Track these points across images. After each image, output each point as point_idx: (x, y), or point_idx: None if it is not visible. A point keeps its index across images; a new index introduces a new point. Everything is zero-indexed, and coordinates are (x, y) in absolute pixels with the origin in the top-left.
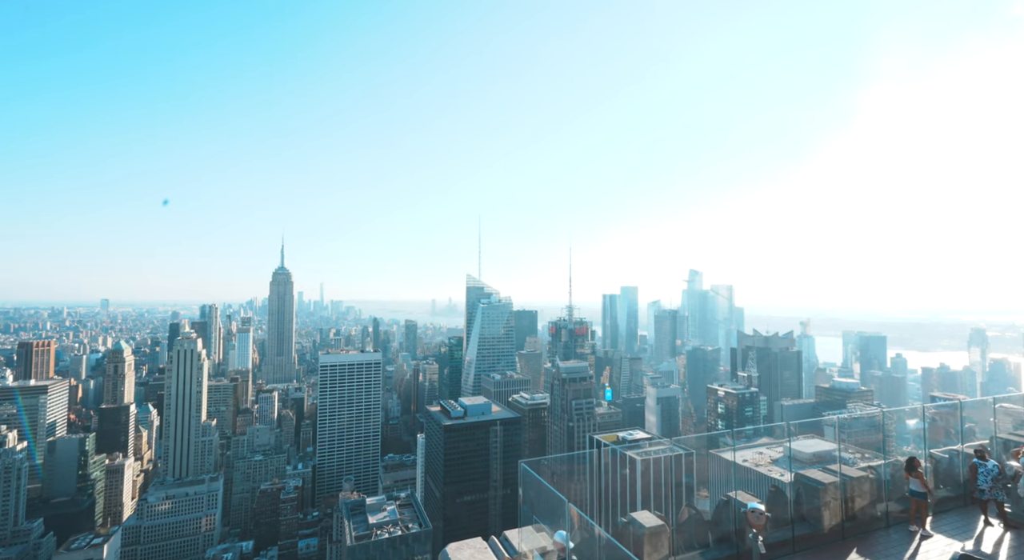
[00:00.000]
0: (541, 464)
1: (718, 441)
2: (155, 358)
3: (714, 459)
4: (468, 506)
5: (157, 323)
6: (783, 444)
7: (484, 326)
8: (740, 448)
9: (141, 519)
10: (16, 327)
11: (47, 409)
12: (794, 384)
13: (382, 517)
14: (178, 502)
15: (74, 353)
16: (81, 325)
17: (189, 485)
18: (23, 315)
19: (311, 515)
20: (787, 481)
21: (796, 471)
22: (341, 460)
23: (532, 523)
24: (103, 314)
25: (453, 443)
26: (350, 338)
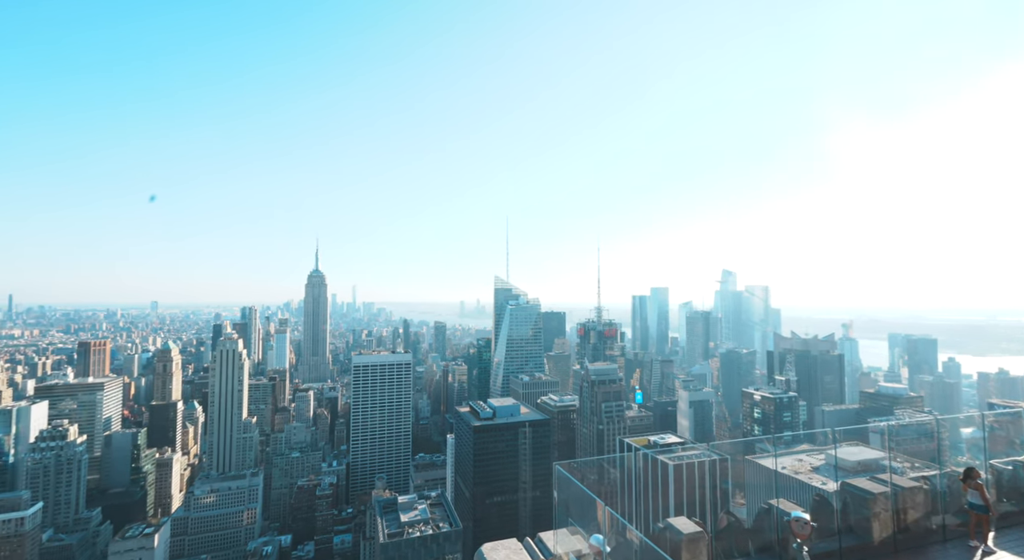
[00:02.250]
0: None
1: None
2: (200, 357)
3: (751, 465)
4: (498, 507)
5: (202, 324)
6: (826, 451)
7: (512, 327)
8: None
9: (188, 511)
10: (76, 328)
11: (103, 405)
12: (836, 389)
13: (413, 516)
14: (222, 495)
15: (127, 352)
16: (133, 326)
17: (232, 479)
18: (82, 317)
19: (345, 512)
20: (831, 490)
21: (841, 479)
22: (373, 458)
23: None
24: (153, 315)
25: (482, 444)
26: (381, 339)
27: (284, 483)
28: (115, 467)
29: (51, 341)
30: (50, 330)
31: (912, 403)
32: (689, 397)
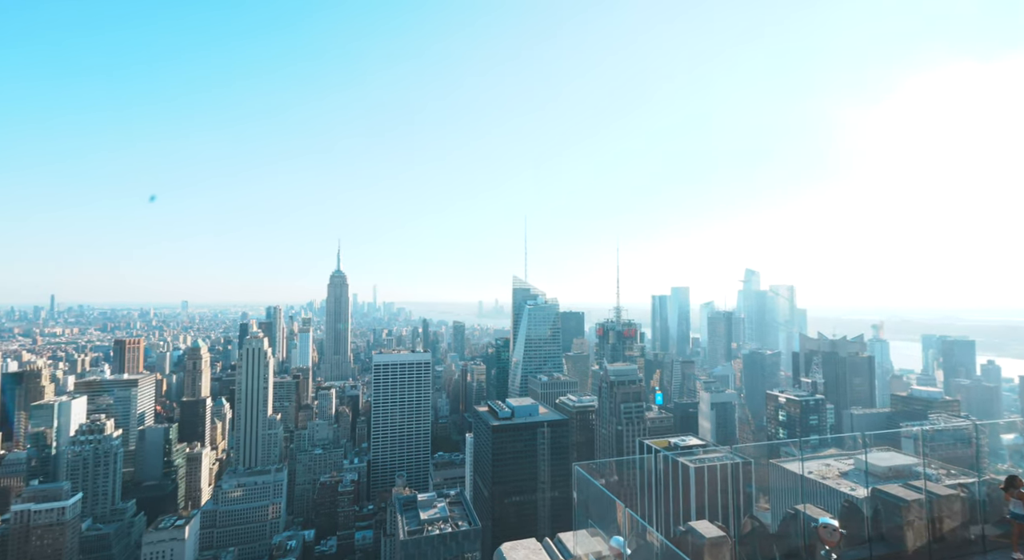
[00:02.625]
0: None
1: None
2: (227, 355)
3: (775, 469)
4: (516, 506)
5: (229, 323)
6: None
7: (530, 327)
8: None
9: (217, 504)
10: (112, 326)
11: (138, 401)
12: (865, 392)
13: (433, 513)
14: (248, 490)
15: (159, 350)
16: (165, 325)
17: (258, 474)
18: (118, 316)
19: (366, 508)
20: (861, 496)
21: (872, 486)
22: (394, 456)
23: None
24: (183, 315)
25: (501, 443)
26: (401, 338)
27: (307, 479)
28: (148, 461)
29: (89, 339)
30: (88, 328)
31: (948, 407)
32: (711, 399)
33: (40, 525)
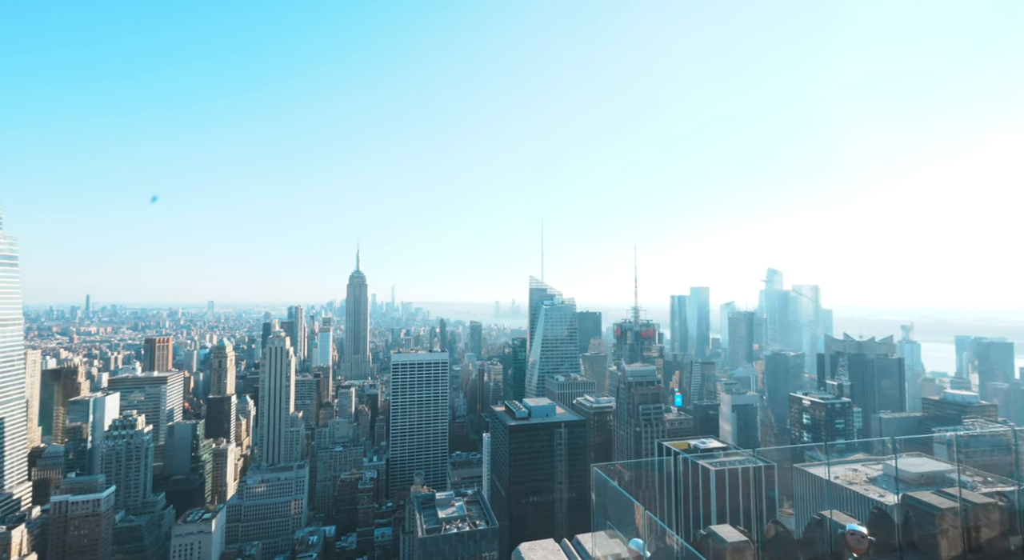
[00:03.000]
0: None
1: (804, 455)
2: (251, 354)
3: (799, 474)
4: (534, 507)
5: (253, 322)
6: (884, 462)
7: (547, 327)
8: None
9: (242, 499)
10: (143, 325)
11: (167, 397)
12: (895, 395)
13: (451, 512)
14: (271, 486)
15: (187, 349)
16: (192, 324)
17: (280, 471)
18: (148, 315)
19: (385, 505)
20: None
21: (903, 492)
22: (412, 455)
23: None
24: (209, 314)
25: (518, 443)
26: (419, 338)
27: (328, 476)
28: (177, 455)
29: (122, 337)
30: (121, 327)
31: (984, 412)
32: (732, 401)
33: (77, 516)
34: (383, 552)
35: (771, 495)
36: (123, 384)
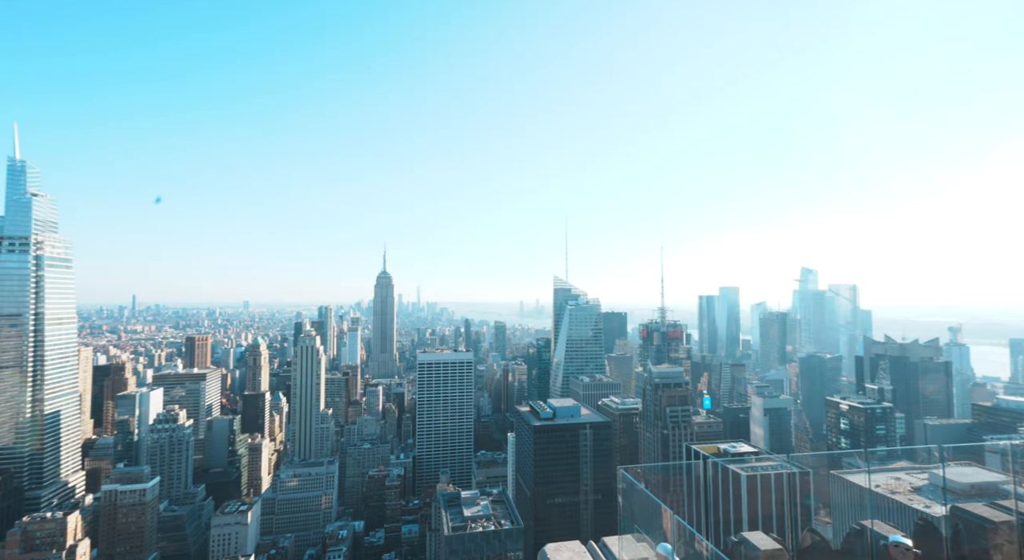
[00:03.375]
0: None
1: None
2: (284, 352)
3: (837, 481)
4: (559, 508)
5: (285, 322)
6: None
7: (572, 328)
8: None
9: (275, 493)
10: (184, 324)
11: (206, 393)
12: (941, 401)
13: (476, 511)
14: (303, 480)
15: (224, 347)
16: (229, 323)
17: (311, 466)
18: (188, 315)
19: (412, 503)
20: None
21: (951, 504)
22: (438, 453)
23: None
24: (245, 314)
25: (542, 444)
26: (444, 338)
27: (357, 472)
28: (215, 449)
29: (165, 336)
30: (164, 326)
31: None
32: (764, 404)
33: (125, 504)
34: (410, 548)
35: (806, 503)
36: (166, 380)
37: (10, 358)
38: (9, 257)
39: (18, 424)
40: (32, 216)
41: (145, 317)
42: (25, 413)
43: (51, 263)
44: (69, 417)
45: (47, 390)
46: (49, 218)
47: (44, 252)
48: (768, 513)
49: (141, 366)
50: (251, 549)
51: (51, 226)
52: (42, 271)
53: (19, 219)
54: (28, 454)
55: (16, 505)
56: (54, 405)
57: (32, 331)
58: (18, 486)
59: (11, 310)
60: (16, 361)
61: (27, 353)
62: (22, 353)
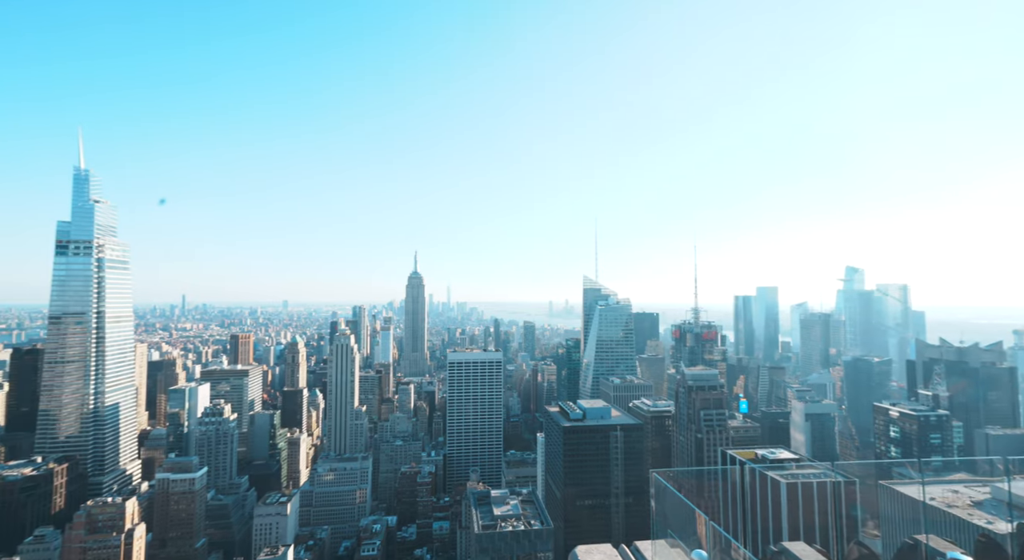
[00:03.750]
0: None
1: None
2: (320, 350)
3: (887, 492)
4: (589, 510)
5: (321, 321)
6: (992, 484)
7: (602, 328)
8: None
9: (313, 486)
10: (228, 323)
11: (249, 389)
12: (1004, 409)
13: (506, 510)
14: (339, 475)
15: (265, 344)
16: (269, 322)
17: (347, 461)
18: (232, 313)
19: (443, 500)
20: (1003, 531)
21: (1019, 521)
22: (468, 451)
23: (666, 537)
24: (284, 313)
25: (572, 445)
26: (473, 338)
27: (389, 468)
28: (257, 442)
29: (211, 334)
30: (211, 324)
31: None
32: (805, 409)
33: (176, 492)
34: (441, 545)
35: (853, 514)
36: (212, 376)
37: (75, 353)
38: (75, 259)
39: (83, 415)
40: (94, 221)
41: (193, 316)
42: (88, 405)
43: (111, 265)
44: (127, 409)
45: (107, 383)
46: (109, 223)
47: (105, 255)
48: (810, 523)
49: (190, 362)
50: (291, 539)
51: (110, 230)
52: (103, 272)
53: (83, 224)
54: (92, 443)
55: (81, 489)
56: (113, 398)
57: (94, 328)
58: (83, 472)
59: (76, 309)
60: (80, 356)
61: (90, 349)
62: (86, 349)
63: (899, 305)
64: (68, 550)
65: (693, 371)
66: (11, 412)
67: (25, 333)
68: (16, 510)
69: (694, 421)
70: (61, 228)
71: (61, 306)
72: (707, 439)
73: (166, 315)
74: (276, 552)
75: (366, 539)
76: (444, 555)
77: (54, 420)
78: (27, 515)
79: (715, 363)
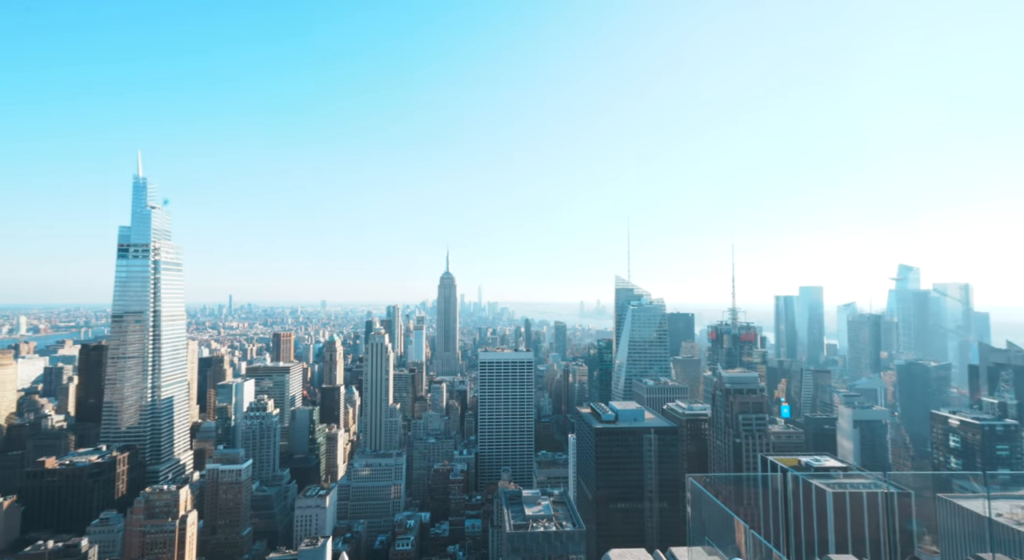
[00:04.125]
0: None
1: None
2: (356, 349)
3: (946, 506)
4: (622, 513)
5: (357, 320)
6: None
7: (634, 329)
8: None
9: (350, 480)
10: (271, 322)
11: (290, 385)
12: None
13: (537, 510)
14: (374, 470)
15: (304, 343)
16: (309, 321)
17: (382, 457)
18: (274, 313)
19: (475, 498)
20: None
21: None
22: (499, 450)
23: (703, 544)
24: (322, 313)
25: (604, 447)
26: (504, 338)
27: (423, 465)
28: (297, 437)
29: (255, 332)
30: (255, 323)
31: None
32: (853, 415)
33: (225, 482)
34: (473, 542)
35: (908, 528)
36: (257, 372)
37: (135, 350)
38: (134, 262)
39: (141, 407)
40: (151, 226)
41: (239, 315)
42: (147, 398)
43: (166, 267)
44: (180, 403)
45: (163, 378)
46: (164, 227)
47: (160, 257)
48: (859, 536)
49: (236, 359)
50: (329, 531)
51: (165, 234)
52: (159, 274)
53: (141, 229)
54: (149, 433)
55: (140, 477)
56: (168, 392)
57: (152, 326)
58: (142, 461)
59: (136, 308)
60: (139, 353)
61: (148, 346)
62: (144, 346)
63: (959, 306)
64: (129, 533)
65: (731, 373)
66: (80, 403)
67: (92, 330)
68: (85, 494)
69: (732, 425)
70: (122, 232)
71: (122, 305)
72: (746, 444)
73: (215, 314)
74: (316, 543)
75: (400, 534)
76: (476, 553)
77: (116, 412)
78: (94, 499)
79: (754, 366)
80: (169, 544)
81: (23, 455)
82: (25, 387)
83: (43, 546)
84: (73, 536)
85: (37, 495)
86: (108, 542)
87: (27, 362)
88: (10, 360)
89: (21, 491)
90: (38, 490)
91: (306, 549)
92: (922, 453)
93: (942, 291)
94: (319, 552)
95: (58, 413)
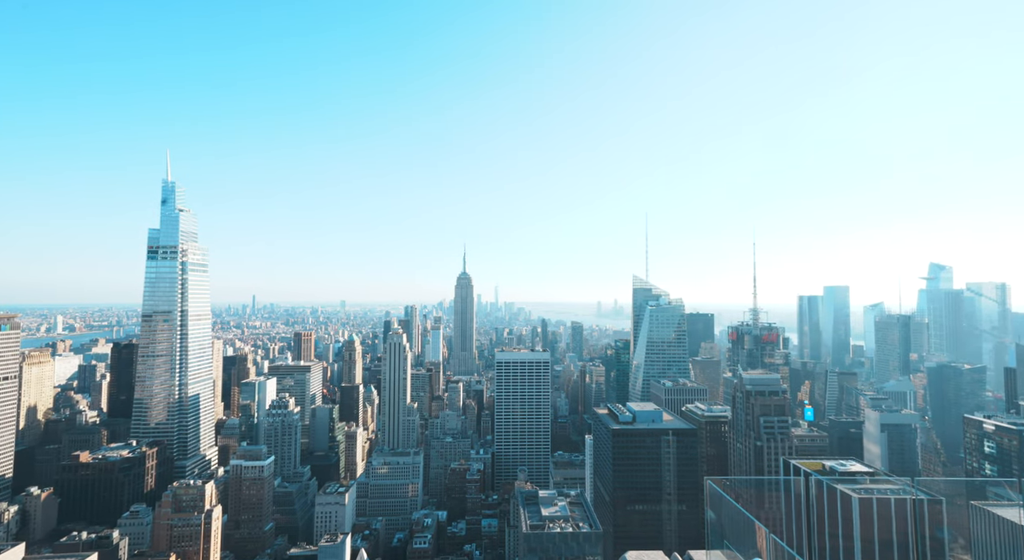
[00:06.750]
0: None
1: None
2: (375, 349)
3: (980, 514)
4: (639, 515)
5: (376, 320)
6: None
7: (652, 329)
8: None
9: (368, 478)
10: (292, 321)
11: (310, 384)
12: None
13: (554, 511)
14: (392, 468)
15: (324, 342)
16: (328, 321)
17: (399, 455)
18: (295, 313)
19: (491, 497)
20: None
21: None
22: (515, 450)
23: (722, 548)
24: (341, 312)
25: (621, 449)
26: (521, 338)
27: (440, 464)
28: (317, 435)
29: (277, 331)
30: (277, 323)
31: None
32: (881, 419)
33: (248, 478)
34: (490, 542)
35: (939, 536)
36: (279, 371)
37: (163, 348)
38: (163, 263)
39: (169, 404)
40: (179, 228)
41: (262, 314)
42: (174, 395)
43: (193, 268)
44: (206, 400)
45: (190, 376)
46: (191, 229)
47: (188, 258)
48: (887, 544)
49: (259, 357)
50: (348, 528)
51: (192, 236)
52: (186, 275)
53: (170, 231)
54: (177, 429)
55: (168, 471)
56: (195, 389)
57: (179, 325)
58: (170, 456)
59: (164, 307)
60: (167, 351)
61: (175, 344)
62: (172, 344)
63: (995, 306)
64: (158, 525)
65: (752, 375)
66: (112, 400)
67: (123, 329)
68: (116, 487)
69: (753, 428)
70: (152, 235)
71: (152, 305)
72: (767, 447)
73: (239, 314)
74: (336, 539)
75: (418, 532)
76: (492, 552)
77: (146, 408)
78: (125, 492)
79: (776, 367)
80: (195, 537)
81: (59, 449)
82: (61, 384)
83: (77, 537)
84: (105, 528)
85: (72, 488)
86: (137, 534)
87: (63, 360)
88: (48, 358)
89: (57, 484)
90: (73, 483)
91: (326, 545)
92: (954, 459)
93: (976, 291)
94: (339, 548)
95: (92, 409)
